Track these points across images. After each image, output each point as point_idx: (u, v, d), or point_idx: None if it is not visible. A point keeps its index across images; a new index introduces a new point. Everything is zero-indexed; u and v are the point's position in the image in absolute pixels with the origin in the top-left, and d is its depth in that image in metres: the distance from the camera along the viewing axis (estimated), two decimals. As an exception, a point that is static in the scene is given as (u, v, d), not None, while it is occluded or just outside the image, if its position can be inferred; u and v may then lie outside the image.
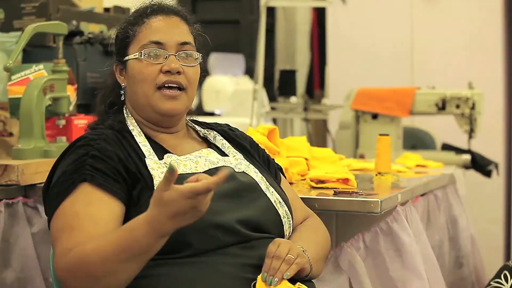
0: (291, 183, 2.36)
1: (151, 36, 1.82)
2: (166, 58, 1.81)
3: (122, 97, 1.88)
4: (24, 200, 2.22)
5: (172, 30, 1.84)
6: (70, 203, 1.66)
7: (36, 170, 2.25)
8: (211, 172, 1.80)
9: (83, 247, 1.57)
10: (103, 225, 1.62)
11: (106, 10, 3.28)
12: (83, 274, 1.56)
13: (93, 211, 1.63)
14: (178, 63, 1.81)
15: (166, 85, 1.81)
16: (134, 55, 1.82)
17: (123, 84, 1.87)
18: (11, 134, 2.56)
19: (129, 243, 1.53)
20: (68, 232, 1.62)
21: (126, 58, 1.84)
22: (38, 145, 2.35)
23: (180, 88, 1.82)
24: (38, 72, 2.53)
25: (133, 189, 1.70)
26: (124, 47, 1.85)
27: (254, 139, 2.07)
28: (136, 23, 1.85)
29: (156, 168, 1.74)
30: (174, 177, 1.44)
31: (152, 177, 1.71)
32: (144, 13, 1.85)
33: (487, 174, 3.72)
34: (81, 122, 2.55)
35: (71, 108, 2.60)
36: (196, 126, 1.99)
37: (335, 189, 2.26)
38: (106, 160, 1.70)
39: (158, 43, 1.81)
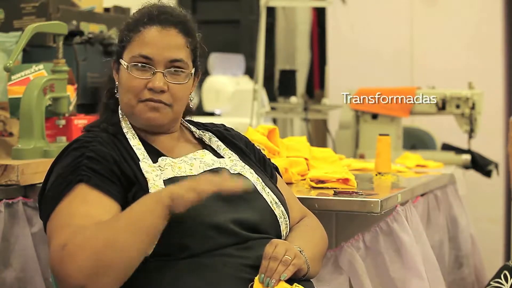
0: (291, 183, 2.36)
1: (141, 49, 1.79)
2: (153, 74, 1.79)
3: (116, 94, 1.88)
4: (24, 200, 2.22)
5: (165, 45, 1.79)
6: (67, 203, 1.65)
7: (36, 170, 2.24)
8: (205, 174, 1.80)
9: (82, 231, 1.57)
10: None
11: (106, 10, 3.28)
12: (86, 256, 1.53)
13: (90, 209, 1.62)
14: (163, 80, 1.78)
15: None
16: (124, 64, 1.81)
17: (117, 83, 1.87)
18: (11, 134, 2.56)
19: (131, 209, 1.60)
20: (64, 228, 1.60)
21: (120, 61, 1.83)
22: (38, 145, 2.35)
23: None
24: (38, 72, 2.53)
25: (128, 191, 1.70)
26: (121, 49, 1.84)
27: (254, 139, 2.07)
28: (132, 30, 1.82)
29: (151, 171, 1.73)
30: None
31: (146, 180, 1.71)
32: (141, 21, 1.81)
33: (487, 174, 3.72)
34: (81, 122, 2.55)
35: (71, 108, 2.60)
36: (192, 127, 1.97)
37: (335, 189, 2.26)
38: (102, 161, 1.70)
39: (147, 58, 1.79)
